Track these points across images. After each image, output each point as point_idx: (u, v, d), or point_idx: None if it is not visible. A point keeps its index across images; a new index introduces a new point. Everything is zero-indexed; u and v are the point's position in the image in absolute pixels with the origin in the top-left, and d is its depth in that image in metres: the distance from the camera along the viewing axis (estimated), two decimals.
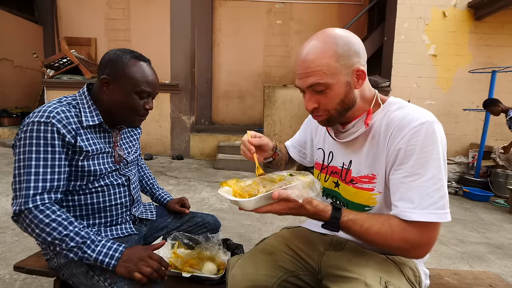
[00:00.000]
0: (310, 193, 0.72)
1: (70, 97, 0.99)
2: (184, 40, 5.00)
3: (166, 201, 1.34)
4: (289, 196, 0.68)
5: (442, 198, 0.71)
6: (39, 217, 0.84)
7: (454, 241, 2.42)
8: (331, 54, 0.75)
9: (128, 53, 0.99)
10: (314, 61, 0.76)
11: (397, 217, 0.73)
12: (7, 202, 2.70)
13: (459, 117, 4.80)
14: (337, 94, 0.78)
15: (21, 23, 6.60)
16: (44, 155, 0.87)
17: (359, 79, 0.79)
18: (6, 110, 5.96)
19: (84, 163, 0.95)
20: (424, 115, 0.74)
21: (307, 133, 1.11)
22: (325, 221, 0.75)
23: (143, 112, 1.02)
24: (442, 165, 0.72)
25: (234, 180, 0.78)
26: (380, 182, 0.80)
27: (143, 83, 0.98)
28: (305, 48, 0.78)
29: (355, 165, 0.85)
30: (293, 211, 0.72)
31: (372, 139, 0.82)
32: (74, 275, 0.94)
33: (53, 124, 0.87)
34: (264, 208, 0.71)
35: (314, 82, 0.77)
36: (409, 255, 0.76)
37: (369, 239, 0.74)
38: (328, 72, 0.76)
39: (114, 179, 1.04)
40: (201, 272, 1.06)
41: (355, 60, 0.77)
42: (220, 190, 0.77)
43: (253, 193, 0.71)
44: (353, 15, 6.02)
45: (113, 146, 1.05)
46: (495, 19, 4.54)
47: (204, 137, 5.17)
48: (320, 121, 0.85)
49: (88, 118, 0.96)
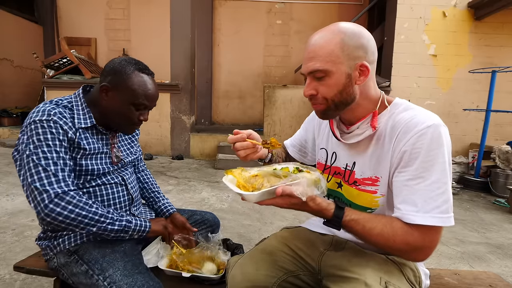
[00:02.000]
0: (314, 191, 0.71)
1: (65, 100, 1.00)
2: (184, 40, 5.00)
3: (168, 213, 1.24)
4: (293, 193, 0.68)
5: (446, 202, 0.70)
6: (83, 201, 0.89)
7: (454, 241, 2.42)
8: (336, 42, 0.75)
9: (133, 64, 0.99)
10: (319, 46, 0.77)
11: (399, 220, 0.73)
12: (7, 202, 2.70)
13: (459, 117, 4.80)
14: (336, 84, 0.78)
15: (21, 23, 6.60)
16: (54, 148, 0.89)
17: (362, 75, 0.78)
18: (6, 110, 5.96)
19: (82, 162, 0.96)
20: (430, 118, 0.73)
21: (309, 131, 1.10)
22: (327, 219, 0.75)
23: (137, 122, 1.03)
24: (447, 169, 0.71)
25: (239, 170, 0.78)
26: (383, 184, 0.80)
27: (142, 96, 0.98)
28: (314, 35, 0.79)
29: (359, 167, 0.85)
30: (295, 207, 0.73)
31: (377, 141, 0.81)
32: (74, 274, 0.94)
33: (55, 121, 0.90)
34: (267, 201, 0.72)
35: (314, 68, 0.77)
36: (410, 257, 0.76)
37: (371, 240, 0.73)
38: (330, 59, 0.76)
39: (111, 178, 1.05)
40: (201, 272, 1.06)
41: (361, 54, 0.77)
42: (225, 178, 0.77)
43: (257, 187, 0.71)
44: (353, 15, 6.02)
45: (110, 148, 1.06)
46: (495, 19, 4.54)
47: (204, 137, 5.17)
48: (317, 110, 0.85)
49: (81, 120, 0.98)
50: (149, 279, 0.89)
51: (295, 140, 1.16)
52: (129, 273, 0.89)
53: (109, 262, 0.92)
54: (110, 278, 0.87)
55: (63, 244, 0.98)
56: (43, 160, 0.86)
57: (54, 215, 0.85)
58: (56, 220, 0.86)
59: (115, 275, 0.87)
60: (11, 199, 2.79)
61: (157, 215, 1.27)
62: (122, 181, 1.09)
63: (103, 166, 1.02)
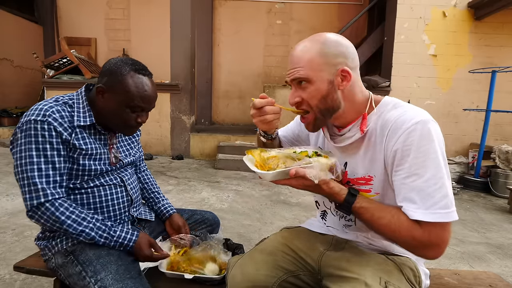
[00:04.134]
0: (328, 175, 0.74)
1: (67, 97, 1.00)
2: (184, 40, 5.00)
3: (167, 215, 1.25)
4: (306, 175, 0.71)
5: (445, 197, 0.70)
6: (55, 214, 0.89)
7: (454, 241, 2.42)
8: (316, 50, 0.79)
9: (129, 64, 0.97)
10: (300, 56, 0.80)
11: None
12: (7, 202, 2.70)
13: (459, 117, 4.80)
14: (318, 90, 0.80)
15: (21, 23, 6.60)
16: (43, 152, 0.89)
17: (344, 80, 0.80)
18: (6, 110, 5.96)
19: (79, 162, 0.96)
20: (418, 114, 0.74)
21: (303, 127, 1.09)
22: (339, 203, 0.77)
23: (135, 125, 1.01)
24: (441, 164, 0.71)
25: (258, 150, 0.81)
26: (378, 183, 0.81)
27: (137, 97, 0.96)
28: (297, 46, 0.83)
29: (350, 167, 0.86)
30: (309, 189, 0.75)
31: (368, 141, 0.82)
32: (70, 276, 0.94)
33: (50, 123, 0.89)
34: (282, 181, 0.75)
35: (296, 76, 0.80)
36: (420, 253, 0.75)
37: (379, 229, 0.75)
38: (310, 66, 0.79)
39: (110, 179, 1.05)
40: (204, 273, 1.05)
41: (341, 60, 0.79)
42: (245, 157, 0.81)
43: (273, 167, 0.75)
44: (353, 15, 6.01)
45: (109, 148, 1.05)
46: (495, 19, 4.54)
47: (204, 137, 5.17)
48: (307, 124, 0.87)
49: (80, 118, 0.97)
50: (139, 284, 0.89)
51: (288, 133, 1.14)
52: (121, 278, 0.88)
53: (103, 264, 0.91)
54: (101, 282, 0.87)
55: (60, 244, 0.98)
56: (29, 165, 0.88)
57: (34, 220, 0.92)
58: (38, 223, 0.92)
59: (106, 279, 0.87)
60: (11, 199, 2.79)
61: (156, 216, 1.26)
62: (121, 182, 1.08)
63: (100, 167, 1.01)
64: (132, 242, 0.98)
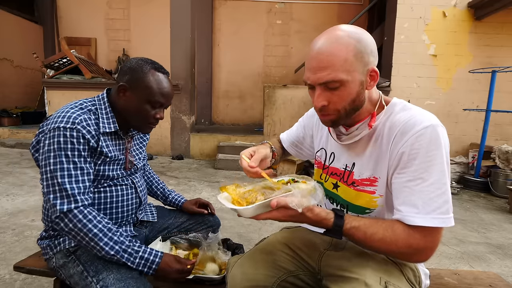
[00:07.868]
0: (311, 201, 0.69)
1: (90, 103, 1.01)
2: (184, 40, 5.00)
3: (181, 203, 1.34)
4: (288, 204, 0.67)
5: (446, 202, 0.70)
6: (83, 221, 0.88)
7: (454, 241, 2.42)
8: (350, 49, 0.71)
9: (149, 63, 1.02)
10: (332, 54, 0.70)
11: (400, 222, 0.72)
12: (7, 202, 2.70)
13: (459, 117, 4.80)
14: (350, 93, 0.74)
15: (21, 23, 6.60)
16: (73, 159, 0.90)
17: (372, 80, 0.76)
18: (6, 110, 5.95)
19: (99, 168, 0.98)
20: (428, 118, 0.73)
21: (307, 129, 1.09)
22: (328, 229, 0.74)
23: (153, 121, 1.05)
24: (446, 170, 0.71)
25: (233, 186, 0.77)
26: (382, 185, 0.80)
27: (157, 94, 1.00)
28: (321, 41, 0.73)
29: (358, 167, 0.84)
30: (294, 219, 0.71)
31: (375, 141, 0.80)
32: (71, 276, 0.95)
33: (79, 130, 0.91)
34: (264, 215, 0.70)
35: (328, 79, 0.71)
36: (412, 259, 0.75)
37: (373, 246, 0.73)
38: (344, 68, 0.71)
39: (122, 179, 1.07)
40: (204, 273, 1.06)
41: (372, 59, 0.74)
42: (219, 196, 0.76)
43: (251, 201, 0.70)
44: (353, 15, 6.01)
45: (125, 153, 1.07)
46: (495, 19, 4.54)
47: (204, 137, 5.17)
48: (327, 121, 0.81)
49: (105, 125, 0.99)
50: (141, 284, 0.90)
51: (292, 137, 1.14)
52: (122, 277, 0.89)
53: (104, 264, 0.92)
54: (103, 281, 0.87)
55: (63, 244, 0.98)
56: (59, 172, 0.88)
57: (59, 228, 0.89)
58: (63, 231, 0.90)
59: (108, 278, 0.88)
60: (11, 199, 2.79)
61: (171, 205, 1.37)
62: (132, 184, 1.10)
63: (117, 172, 1.04)
64: (156, 262, 0.94)
